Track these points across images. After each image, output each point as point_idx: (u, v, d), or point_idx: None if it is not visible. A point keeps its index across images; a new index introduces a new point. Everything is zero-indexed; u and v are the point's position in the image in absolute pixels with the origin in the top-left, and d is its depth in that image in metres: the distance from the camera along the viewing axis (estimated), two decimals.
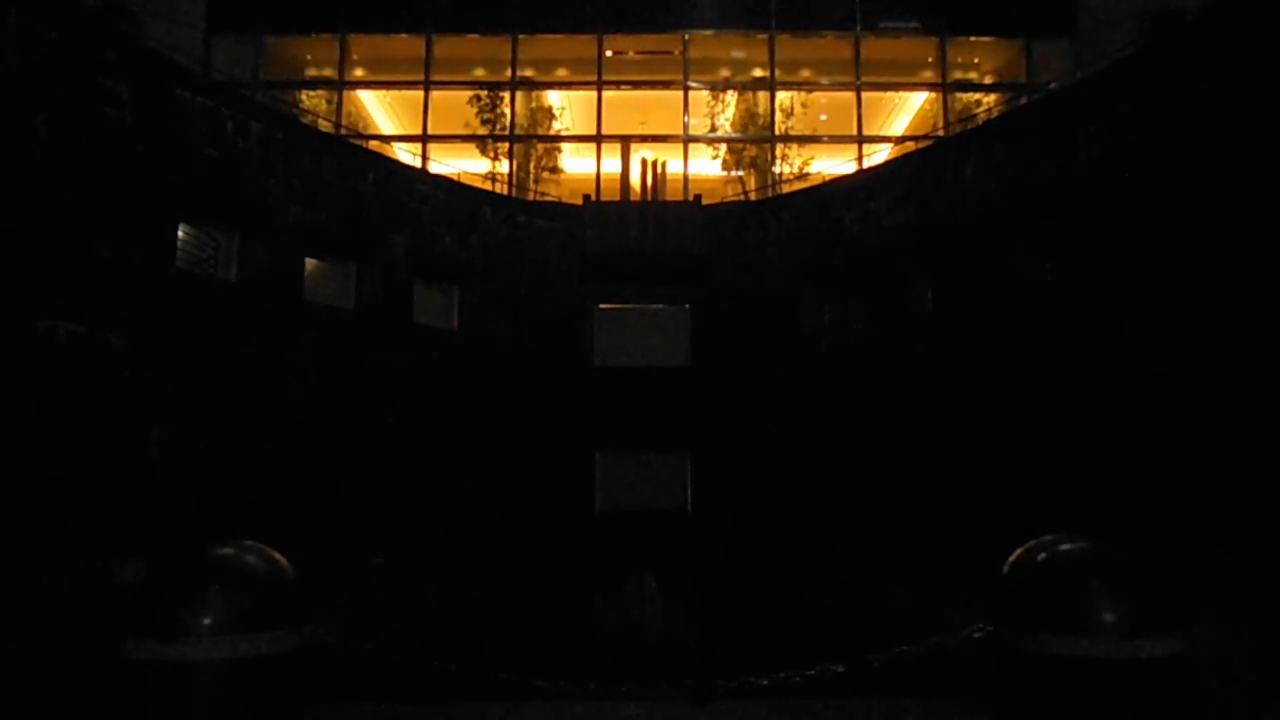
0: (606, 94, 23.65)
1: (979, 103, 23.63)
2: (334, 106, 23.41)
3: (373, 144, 23.04)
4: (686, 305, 19.72)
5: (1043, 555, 2.89)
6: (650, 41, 24.14)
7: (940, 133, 22.49)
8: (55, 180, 10.34)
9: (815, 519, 16.38)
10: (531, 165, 23.77)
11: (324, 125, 21.44)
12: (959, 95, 23.98)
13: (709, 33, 23.92)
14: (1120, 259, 11.56)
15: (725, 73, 24.20)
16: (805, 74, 24.35)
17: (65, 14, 10.68)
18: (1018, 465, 12.71)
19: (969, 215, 14.69)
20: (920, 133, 24.47)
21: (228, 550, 2.82)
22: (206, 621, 2.60)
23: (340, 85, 23.70)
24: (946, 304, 15.21)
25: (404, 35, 23.63)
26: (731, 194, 23.57)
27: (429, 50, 23.47)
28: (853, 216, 17.43)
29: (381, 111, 25.48)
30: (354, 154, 16.73)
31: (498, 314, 18.44)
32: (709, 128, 23.75)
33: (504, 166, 23.04)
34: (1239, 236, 9.56)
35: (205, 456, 12.08)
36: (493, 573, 14.67)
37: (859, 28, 23.57)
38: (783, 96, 23.76)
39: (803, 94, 23.92)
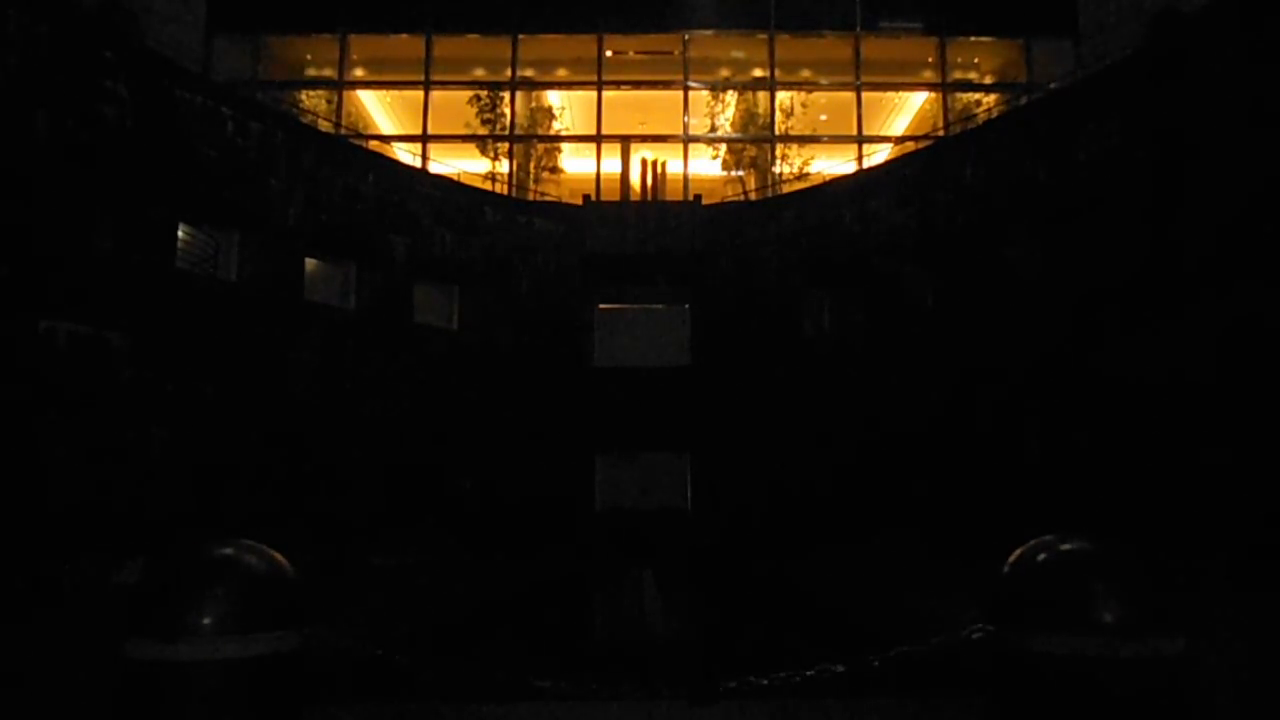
0: (606, 94, 23.62)
1: (979, 103, 23.60)
2: (334, 106, 23.38)
3: (373, 144, 23.02)
4: (686, 305, 19.71)
5: (1043, 555, 2.88)
6: (650, 41, 24.11)
7: (940, 133, 22.47)
8: (55, 179, 10.33)
9: (815, 518, 16.37)
10: (531, 165, 23.74)
11: (324, 125, 21.42)
12: (959, 95, 23.95)
13: (709, 33, 23.90)
14: (1117, 260, 11.56)
15: (725, 73, 24.17)
16: (805, 74, 24.33)
17: (66, 14, 10.68)
18: (1018, 466, 12.71)
19: (968, 215, 14.70)
20: (920, 133, 24.45)
21: (228, 550, 2.81)
22: (207, 621, 2.60)
23: (340, 85, 23.68)
24: (946, 304, 15.21)
25: (404, 35, 23.61)
26: (731, 194, 23.54)
27: (429, 50, 23.45)
28: (852, 216, 17.42)
29: (381, 111, 25.46)
30: (354, 154, 16.72)
31: (498, 314, 18.42)
32: (709, 128, 23.72)
33: (504, 166, 23.01)
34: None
35: (205, 456, 12.08)
36: (493, 572, 14.67)
37: (859, 28, 23.55)
38: (783, 96, 23.73)
39: (803, 94, 23.89)
